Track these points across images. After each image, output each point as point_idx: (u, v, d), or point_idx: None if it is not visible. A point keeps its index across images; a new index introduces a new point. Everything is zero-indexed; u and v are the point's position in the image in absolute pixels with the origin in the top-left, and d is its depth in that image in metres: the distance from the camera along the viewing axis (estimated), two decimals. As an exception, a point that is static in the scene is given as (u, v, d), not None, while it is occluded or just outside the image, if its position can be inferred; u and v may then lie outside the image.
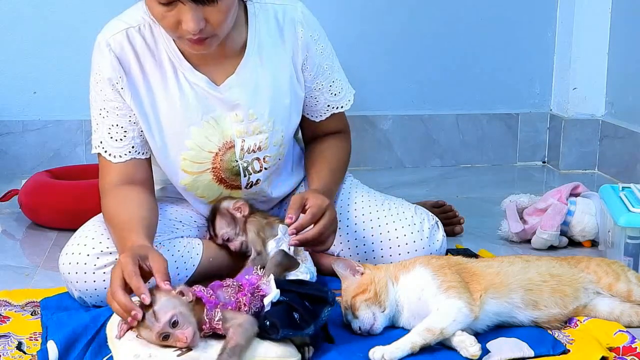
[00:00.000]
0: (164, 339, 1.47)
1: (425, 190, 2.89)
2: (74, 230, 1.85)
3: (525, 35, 3.26)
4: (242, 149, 1.89)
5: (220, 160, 1.89)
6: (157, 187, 1.95)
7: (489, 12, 3.21)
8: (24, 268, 2.12)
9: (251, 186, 1.94)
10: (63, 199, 2.42)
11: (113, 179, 1.84)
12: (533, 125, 3.31)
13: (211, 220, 1.91)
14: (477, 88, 3.27)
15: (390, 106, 3.22)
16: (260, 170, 1.92)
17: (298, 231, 1.74)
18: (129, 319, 1.47)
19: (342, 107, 2.02)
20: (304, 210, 1.77)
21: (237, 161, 1.90)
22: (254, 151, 1.90)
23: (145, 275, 1.53)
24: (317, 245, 1.79)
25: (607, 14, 3.11)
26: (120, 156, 1.84)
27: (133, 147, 1.85)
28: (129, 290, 1.49)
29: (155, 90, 1.84)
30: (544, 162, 3.34)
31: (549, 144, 3.31)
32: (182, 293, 1.52)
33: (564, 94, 3.24)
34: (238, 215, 1.89)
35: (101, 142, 1.84)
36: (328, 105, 2.00)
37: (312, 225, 1.76)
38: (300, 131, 2.08)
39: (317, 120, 2.02)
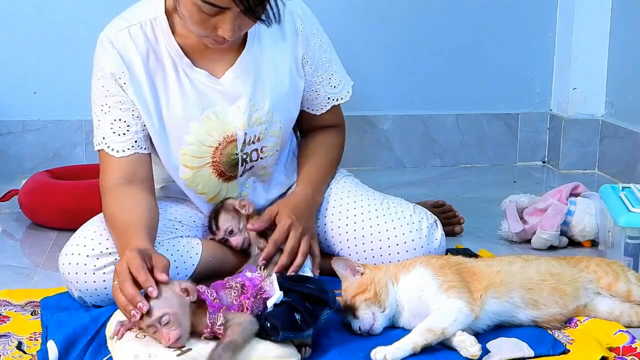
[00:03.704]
0: (153, 332, 1.48)
1: (425, 190, 2.89)
2: (74, 230, 1.84)
3: (525, 35, 3.26)
4: (244, 142, 1.90)
5: (220, 154, 1.90)
6: (157, 186, 1.95)
7: (489, 12, 3.21)
8: (24, 268, 2.12)
9: (244, 172, 1.95)
10: (63, 199, 2.42)
11: (115, 176, 1.83)
12: (533, 125, 3.31)
13: (214, 216, 1.92)
14: (477, 88, 3.27)
15: (390, 106, 3.22)
16: (257, 160, 1.95)
17: (267, 260, 1.79)
18: (132, 312, 1.47)
19: (341, 98, 2.05)
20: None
21: (237, 154, 1.91)
22: (253, 142, 1.92)
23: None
24: (298, 264, 1.81)
25: (607, 14, 3.11)
26: (123, 150, 1.84)
27: (136, 141, 1.85)
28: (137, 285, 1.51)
29: (157, 86, 1.85)
30: (544, 162, 3.34)
31: (549, 144, 3.31)
32: (186, 291, 1.52)
33: (564, 94, 3.24)
34: (242, 212, 1.91)
35: (104, 138, 1.84)
36: (328, 98, 2.03)
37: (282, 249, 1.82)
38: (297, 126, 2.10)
39: (318, 113, 2.05)
